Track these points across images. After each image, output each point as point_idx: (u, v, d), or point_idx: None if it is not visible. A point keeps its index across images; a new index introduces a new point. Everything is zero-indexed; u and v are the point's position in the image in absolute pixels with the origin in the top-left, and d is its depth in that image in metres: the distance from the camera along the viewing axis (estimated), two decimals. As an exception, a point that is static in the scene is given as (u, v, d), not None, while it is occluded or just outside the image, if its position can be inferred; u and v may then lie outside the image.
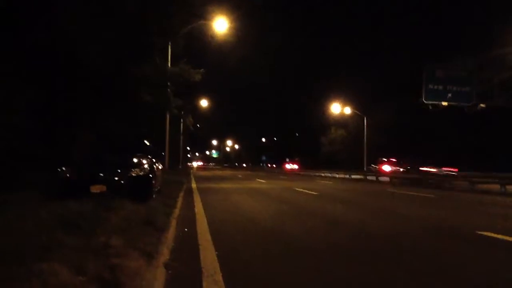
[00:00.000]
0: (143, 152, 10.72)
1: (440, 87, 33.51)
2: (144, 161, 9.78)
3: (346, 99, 53.37)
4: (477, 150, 52.08)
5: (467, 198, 16.04)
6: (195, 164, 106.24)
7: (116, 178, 8.99)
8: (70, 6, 12.36)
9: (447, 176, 33.75)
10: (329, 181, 31.41)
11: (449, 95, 33.34)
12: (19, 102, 11.06)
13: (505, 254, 5.69)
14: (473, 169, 37.80)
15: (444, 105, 34.03)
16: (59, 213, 6.25)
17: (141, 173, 9.26)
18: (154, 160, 10.96)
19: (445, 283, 4.19)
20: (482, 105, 34.86)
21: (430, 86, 33.44)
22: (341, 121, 64.21)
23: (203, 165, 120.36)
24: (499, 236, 6.75)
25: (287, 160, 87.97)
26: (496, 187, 19.32)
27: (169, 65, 21.23)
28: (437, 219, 9.31)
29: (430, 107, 34.67)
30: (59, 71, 12.95)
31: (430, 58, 45.66)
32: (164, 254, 4.73)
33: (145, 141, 12.03)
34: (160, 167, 12.76)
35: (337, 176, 40.01)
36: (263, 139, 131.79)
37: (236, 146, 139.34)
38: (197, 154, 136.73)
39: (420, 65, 34.68)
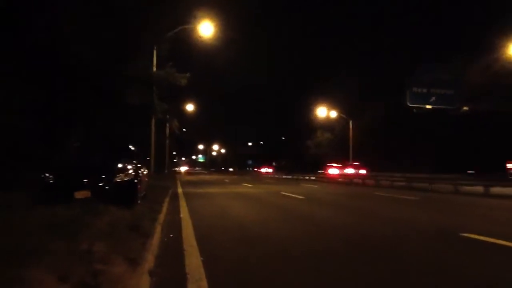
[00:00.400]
0: (128, 156, 10.66)
1: (424, 90, 33.82)
2: (129, 166, 9.72)
3: (333, 102, 53.70)
4: (461, 151, 52.73)
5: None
6: (183, 169, 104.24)
7: (101, 184, 8.91)
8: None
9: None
10: (314, 184, 31.48)
11: (433, 98, 33.69)
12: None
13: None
14: (457, 171, 38.22)
15: (428, 108, 34.40)
16: (42, 218, 6.18)
17: (126, 179, 9.19)
18: (139, 165, 10.90)
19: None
20: (465, 108, 35.32)
21: (414, 89, 33.74)
22: (327, 124, 64.50)
23: (190, 169, 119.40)
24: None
25: (264, 164, 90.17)
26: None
27: (155, 68, 21.17)
28: (422, 221, 9.41)
29: (414, 110, 34.96)
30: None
31: (417, 61, 45.89)
32: (149, 260, 4.69)
33: (130, 146, 11.95)
34: (145, 172, 12.68)
35: (321, 179, 40.13)
36: (249, 143, 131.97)
37: (223, 151, 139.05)
38: (183, 158, 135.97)
39: (406, 67, 35.03)
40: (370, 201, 15.82)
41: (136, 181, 9.53)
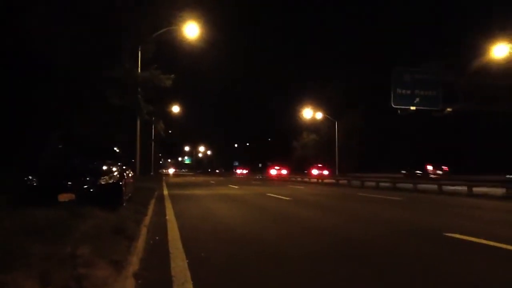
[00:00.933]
0: (113, 159, 10.56)
1: (408, 92, 34.10)
2: (114, 168, 9.64)
3: (319, 104, 53.93)
4: (445, 152, 53.30)
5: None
6: (170, 171, 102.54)
7: (85, 186, 8.81)
8: (37, 8, 12.14)
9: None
10: (300, 185, 31.56)
11: (417, 99, 33.98)
12: None
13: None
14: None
15: (412, 110, 34.69)
16: (24, 221, 6.07)
17: (111, 181, 9.10)
18: (124, 167, 10.81)
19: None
20: (448, 109, 35.71)
21: (398, 91, 33.98)
22: (313, 126, 64.75)
23: (177, 171, 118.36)
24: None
25: (237, 165, 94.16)
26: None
27: (140, 70, 21.03)
28: (405, 221, 9.48)
29: (399, 112, 35.22)
30: (29, 73, 12.70)
31: (401, 62, 46.29)
32: (134, 263, 4.64)
33: (115, 148, 11.85)
34: (130, 174, 12.58)
35: (308, 180, 40.26)
36: (236, 145, 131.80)
37: (209, 152, 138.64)
38: (169, 160, 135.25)
39: (390, 69, 35.30)
40: (355, 203, 15.91)
41: (121, 183, 9.44)
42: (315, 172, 49.88)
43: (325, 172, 49.62)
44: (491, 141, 46.48)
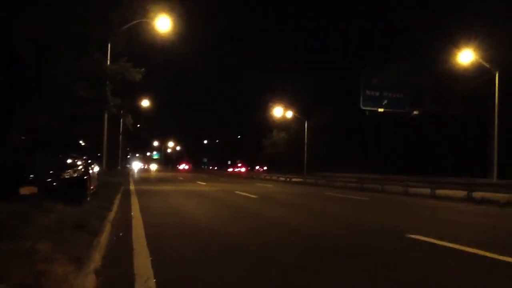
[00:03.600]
0: (78, 152, 10.34)
1: (377, 94, 34.77)
2: (79, 162, 9.44)
3: (289, 103, 54.18)
4: (412, 154, 54.51)
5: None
6: (136, 166, 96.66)
7: (48, 180, 8.59)
8: None
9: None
10: (269, 183, 31.69)
11: (385, 101, 34.69)
12: None
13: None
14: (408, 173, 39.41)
15: (380, 111, 35.35)
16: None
17: (75, 175, 8.91)
18: (90, 161, 10.60)
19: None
20: (415, 112, 36.55)
21: (367, 93, 34.61)
22: (283, 124, 65.05)
23: (147, 167, 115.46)
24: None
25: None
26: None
27: (109, 62, 20.62)
28: (367, 220, 9.65)
29: (367, 113, 35.84)
30: None
31: (371, 64, 46.99)
32: (96, 259, 4.55)
33: (81, 141, 11.60)
34: (96, 169, 12.35)
35: (277, 178, 40.44)
36: (205, 141, 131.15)
37: (178, 148, 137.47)
38: (137, 155, 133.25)
39: (359, 71, 35.88)
40: (321, 202, 16.09)
41: (85, 177, 9.26)
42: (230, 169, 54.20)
43: (242, 169, 53.22)
44: (455, 144, 47.74)
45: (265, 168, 77.68)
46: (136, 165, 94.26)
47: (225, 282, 4.26)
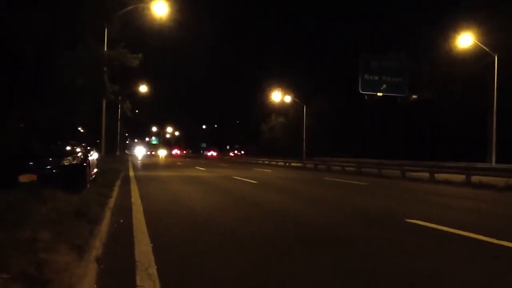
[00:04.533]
0: (77, 139, 10.34)
1: (376, 78, 34.63)
2: (78, 149, 9.43)
3: (288, 87, 54.05)
4: (410, 139, 54.49)
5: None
6: (139, 151, 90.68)
7: (47, 167, 8.58)
8: None
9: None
10: (268, 169, 31.74)
11: (384, 85, 34.59)
12: None
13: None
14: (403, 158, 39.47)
15: (379, 96, 35.28)
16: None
17: (74, 162, 8.89)
18: (88, 148, 10.59)
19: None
20: (414, 96, 36.47)
21: (366, 77, 34.46)
22: (282, 109, 65.00)
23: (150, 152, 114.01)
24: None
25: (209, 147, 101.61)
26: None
27: (106, 49, 20.49)
28: (367, 206, 9.69)
29: (366, 98, 35.77)
30: None
31: (370, 48, 46.66)
32: (96, 247, 4.57)
33: (79, 128, 11.58)
34: (95, 155, 12.35)
35: (276, 163, 40.50)
36: (204, 126, 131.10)
37: (177, 133, 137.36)
38: (136, 140, 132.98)
39: (360, 55, 35.68)
40: (321, 187, 16.15)
41: (84, 164, 9.25)
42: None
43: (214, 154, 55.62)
44: (454, 128, 47.69)
45: (242, 152, 78.82)
46: (140, 151, 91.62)
47: (225, 270, 4.27)
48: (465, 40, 27.17)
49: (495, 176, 16.96)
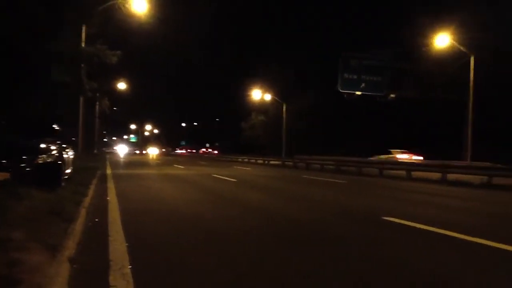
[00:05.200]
0: (53, 136, 10.16)
1: (355, 77, 34.96)
2: (53, 147, 9.27)
3: (268, 85, 54.04)
4: (389, 137, 55.00)
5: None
6: (121, 149, 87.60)
7: (21, 165, 8.41)
8: None
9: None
10: (247, 167, 31.76)
11: (363, 84, 34.94)
12: None
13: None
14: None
15: (358, 94, 35.62)
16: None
17: (49, 160, 8.74)
18: (64, 146, 10.43)
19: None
20: (392, 95, 36.94)
21: (346, 75, 34.76)
22: (262, 107, 64.96)
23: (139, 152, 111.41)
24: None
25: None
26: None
27: (84, 44, 20.20)
28: (345, 204, 9.78)
29: (345, 96, 36.06)
30: None
31: (349, 47, 46.92)
32: (70, 247, 4.50)
33: (54, 125, 11.39)
34: (71, 153, 12.17)
35: (255, 161, 40.57)
36: (183, 124, 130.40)
37: (156, 131, 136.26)
38: (114, 138, 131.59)
39: (339, 53, 35.91)
40: (299, 185, 16.22)
41: (60, 162, 9.10)
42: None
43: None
44: (432, 126, 48.35)
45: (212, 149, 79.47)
46: (122, 149, 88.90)
47: (201, 269, 4.24)
48: (442, 40, 27.65)
49: (471, 174, 17.30)
